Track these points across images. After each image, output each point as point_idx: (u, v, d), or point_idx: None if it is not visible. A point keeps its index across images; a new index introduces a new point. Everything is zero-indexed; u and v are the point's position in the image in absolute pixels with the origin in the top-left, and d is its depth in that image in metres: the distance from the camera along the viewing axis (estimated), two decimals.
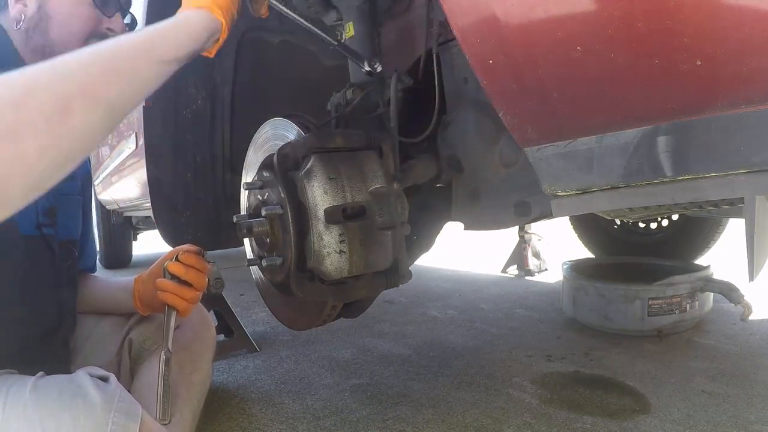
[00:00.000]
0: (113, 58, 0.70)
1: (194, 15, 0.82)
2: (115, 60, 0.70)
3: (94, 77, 0.67)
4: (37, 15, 1.02)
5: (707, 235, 2.82)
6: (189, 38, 0.80)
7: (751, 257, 0.73)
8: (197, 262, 1.12)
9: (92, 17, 1.05)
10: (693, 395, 1.54)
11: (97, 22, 1.06)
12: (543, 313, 2.53)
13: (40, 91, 0.61)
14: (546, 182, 0.85)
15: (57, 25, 1.02)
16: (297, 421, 1.47)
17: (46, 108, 0.60)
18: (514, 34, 0.75)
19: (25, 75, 0.62)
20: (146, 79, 0.74)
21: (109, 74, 0.69)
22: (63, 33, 1.02)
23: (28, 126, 0.59)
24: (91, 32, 1.05)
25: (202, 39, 0.82)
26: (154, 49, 0.75)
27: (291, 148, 1.01)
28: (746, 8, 0.59)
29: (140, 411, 0.88)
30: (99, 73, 0.68)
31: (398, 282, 1.05)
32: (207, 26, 0.83)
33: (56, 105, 0.61)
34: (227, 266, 1.40)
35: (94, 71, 0.67)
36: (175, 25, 0.80)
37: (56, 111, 0.61)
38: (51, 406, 0.84)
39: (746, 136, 0.65)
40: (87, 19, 1.04)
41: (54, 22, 1.02)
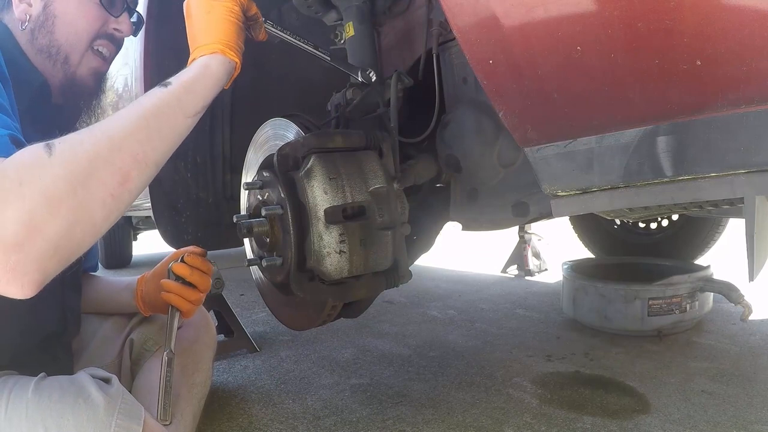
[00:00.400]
0: (156, 120, 0.77)
1: (213, 62, 0.86)
2: (158, 123, 0.77)
3: (143, 144, 0.75)
4: (42, 15, 1.01)
5: (707, 235, 2.82)
6: (213, 86, 0.86)
7: (751, 257, 0.73)
8: (202, 264, 1.12)
9: (99, 17, 1.04)
10: (693, 395, 1.54)
11: (104, 22, 1.05)
12: (543, 313, 2.53)
13: (101, 168, 0.69)
14: (546, 182, 0.85)
15: (63, 25, 1.01)
16: (297, 421, 1.47)
17: (110, 184, 0.70)
18: (514, 34, 0.75)
19: (86, 148, 0.70)
20: (181, 134, 0.82)
21: (155, 139, 0.77)
22: (69, 33, 1.02)
23: (98, 202, 0.69)
24: (97, 32, 1.05)
25: (222, 82, 0.88)
26: (187, 105, 0.82)
27: (291, 148, 1.01)
28: (746, 8, 0.59)
29: (143, 412, 0.88)
30: (147, 140, 0.75)
31: (398, 282, 1.05)
32: (226, 70, 0.88)
33: (118, 179, 0.71)
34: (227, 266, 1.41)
35: (142, 138, 0.75)
36: (200, 76, 0.84)
37: (118, 184, 0.71)
38: (53, 407, 0.84)
39: (746, 136, 0.65)
40: (94, 19, 1.04)
41: (60, 22, 1.01)
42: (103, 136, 0.72)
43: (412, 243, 1.34)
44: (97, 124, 0.75)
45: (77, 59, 1.03)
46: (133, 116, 0.76)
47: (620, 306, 2.09)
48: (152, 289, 1.20)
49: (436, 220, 1.36)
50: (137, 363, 1.23)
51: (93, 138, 0.71)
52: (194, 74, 0.84)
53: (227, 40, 0.89)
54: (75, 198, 0.66)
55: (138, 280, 1.25)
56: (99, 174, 0.69)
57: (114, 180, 0.70)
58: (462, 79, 1.16)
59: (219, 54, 0.87)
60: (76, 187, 0.67)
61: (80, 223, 0.67)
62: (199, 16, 0.89)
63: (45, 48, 1.01)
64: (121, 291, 1.26)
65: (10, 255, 0.62)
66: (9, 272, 0.63)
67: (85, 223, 0.68)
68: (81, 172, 0.67)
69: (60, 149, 0.68)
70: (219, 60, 0.87)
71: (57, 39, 1.01)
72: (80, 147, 0.69)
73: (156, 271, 1.22)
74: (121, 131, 0.73)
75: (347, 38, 1.20)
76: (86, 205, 0.68)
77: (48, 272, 0.66)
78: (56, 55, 1.01)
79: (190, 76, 0.84)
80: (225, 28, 0.89)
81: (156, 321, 1.28)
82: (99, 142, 0.71)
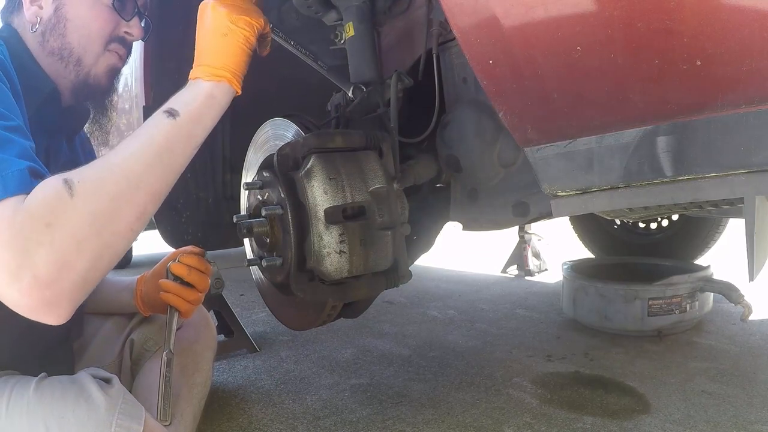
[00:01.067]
0: (169, 155, 0.81)
1: (218, 91, 0.89)
2: (170, 158, 0.82)
3: (159, 180, 0.80)
4: (54, 18, 1.00)
5: (707, 235, 2.82)
6: (217, 116, 0.90)
7: (751, 257, 0.73)
8: (200, 263, 1.12)
9: (110, 20, 1.04)
10: (693, 395, 1.55)
11: (115, 26, 1.05)
12: (543, 313, 2.53)
13: (123, 207, 0.75)
14: (546, 182, 0.85)
15: (75, 28, 1.01)
16: (297, 421, 1.47)
17: (130, 220, 0.76)
18: (514, 34, 0.75)
19: (107, 189, 0.74)
20: (187, 163, 0.86)
21: (168, 173, 0.82)
22: (81, 36, 1.01)
23: (120, 237, 0.75)
24: (109, 36, 1.04)
25: (224, 110, 0.91)
26: (195, 137, 0.86)
27: (291, 148, 1.01)
28: (746, 8, 0.59)
29: (143, 413, 0.88)
30: (161, 175, 0.80)
31: (398, 282, 1.05)
32: (229, 99, 0.91)
33: (136, 215, 0.77)
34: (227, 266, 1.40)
35: (158, 174, 0.80)
36: (206, 107, 0.87)
37: (136, 219, 0.77)
38: (54, 406, 0.84)
39: (746, 136, 0.65)
40: (105, 22, 1.03)
41: (71, 25, 1.00)
42: (122, 175, 0.76)
43: (412, 243, 1.34)
44: (113, 156, 0.78)
45: (91, 61, 1.03)
46: (148, 153, 0.79)
47: (620, 306, 2.09)
48: (151, 289, 1.19)
49: (436, 220, 1.36)
50: (137, 363, 1.23)
51: (113, 177, 0.75)
52: (200, 104, 0.87)
53: (235, 70, 0.90)
54: (100, 238, 0.72)
55: (137, 280, 1.25)
56: (121, 213, 0.75)
57: (133, 216, 0.76)
58: (462, 79, 1.16)
59: (225, 83, 0.89)
60: (101, 229, 0.72)
61: (105, 257, 0.73)
62: (215, 34, 0.90)
63: (57, 50, 1.01)
64: (120, 291, 1.26)
65: (44, 291, 0.67)
66: (45, 306, 0.69)
67: (110, 255, 0.74)
68: (104, 214, 0.73)
69: (81, 189, 0.72)
70: (224, 90, 0.89)
71: (69, 42, 1.01)
72: (102, 188, 0.74)
73: (155, 271, 1.21)
74: (139, 169, 0.77)
75: (347, 38, 1.20)
76: (110, 242, 0.74)
77: (78, 301, 0.72)
78: (68, 57, 1.01)
79: (196, 107, 0.86)
80: (237, 57, 0.90)
81: (156, 321, 1.28)
82: (119, 182, 0.75)
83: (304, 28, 1.43)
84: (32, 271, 0.66)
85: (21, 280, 0.66)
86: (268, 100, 1.70)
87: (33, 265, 0.66)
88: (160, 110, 0.84)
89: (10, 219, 0.67)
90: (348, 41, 1.20)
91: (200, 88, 0.88)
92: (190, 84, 0.89)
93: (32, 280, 0.66)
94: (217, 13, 0.90)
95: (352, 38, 1.18)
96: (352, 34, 1.18)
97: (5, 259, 0.66)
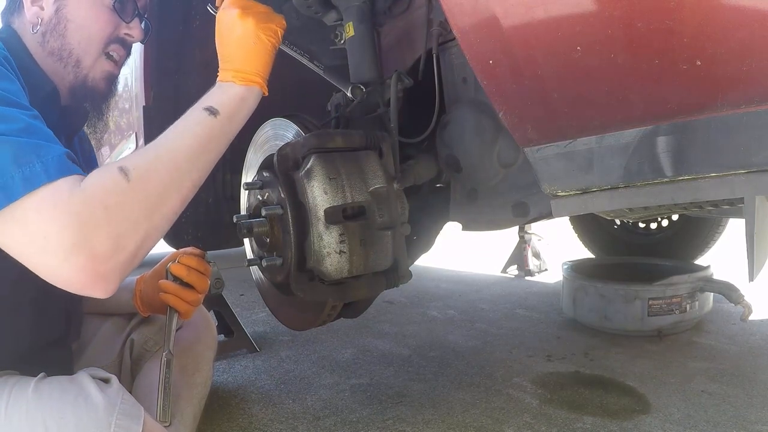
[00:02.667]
0: (208, 149, 0.89)
1: (251, 95, 0.95)
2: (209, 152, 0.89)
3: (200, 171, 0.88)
4: (54, 18, 1.00)
5: (707, 235, 2.82)
6: (247, 116, 0.96)
7: (751, 257, 0.73)
8: (200, 264, 1.12)
9: (111, 22, 1.04)
10: (693, 395, 1.54)
11: (116, 27, 1.05)
12: (543, 313, 2.53)
13: (172, 194, 0.83)
14: (546, 182, 0.85)
15: (75, 29, 1.01)
16: (297, 421, 1.47)
17: (175, 205, 0.84)
18: (514, 34, 0.75)
19: (160, 176, 0.82)
20: (220, 156, 0.92)
21: (207, 165, 0.89)
22: (82, 37, 1.02)
23: (166, 219, 0.83)
24: (109, 37, 1.05)
25: (252, 110, 0.96)
26: (229, 134, 0.92)
27: (291, 148, 1.01)
28: (746, 8, 0.59)
29: (143, 413, 0.88)
30: (203, 167, 0.88)
31: (398, 282, 1.05)
32: (258, 100, 0.97)
33: (181, 201, 0.85)
34: (227, 266, 1.40)
35: (200, 166, 0.87)
36: (239, 109, 0.93)
37: (180, 204, 0.85)
38: (53, 406, 0.84)
39: (746, 136, 0.65)
40: (106, 24, 1.04)
41: (72, 26, 1.01)
42: (172, 164, 0.83)
43: (412, 243, 1.34)
44: (161, 148, 0.85)
45: (89, 63, 1.04)
46: (194, 145, 0.86)
47: (620, 306, 2.09)
48: (150, 289, 1.20)
49: (436, 220, 1.36)
50: (138, 363, 1.23)
51: (163, 166, 0.82)
52: (236, 105, 0.93)
53: (265, 74, 0.97)
54: (151, 220, 0.79)
55: (137, 280, 1.25)
56: (169, 199, 0.82)
57: (179, 202, 0.84)
58: (462, 79, 1.16)
59: (257, 87, 0.95)
60: (153, 212, 0.80)
61: (153, 237, 0.81)
62: (245, 42, 0.95)
63: (56, 51, 1.01)
64: (120, 290, 1.26)
65: (99, 267, 0.74)
66: (98, 281, 0.75)
67: (157, 235, 0.82)
68: (156, 200, 0.80)
69: (136, 175, 0.78)
70: (256, 94, 0.95)
71: (69, 43, 1.01)
72: (155, 176, 0.81)
73: (154, 271, 1.22)
74: (186, 160, 0.85)
75: (347, 38, 1.20)
76: (158, 224, 0.81)
77: (126, 275, 0.79)
78: (68, 58, 1.02)
79: (233, 108, 0.92)
80: (265, 62, 0.96)
81: (156, 321, 1.28)
82: (169, 171, 0.82)
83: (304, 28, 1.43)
84: (90, 250, 0.72)
85: (78, 256, 0.72)
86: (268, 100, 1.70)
87: (91, 244, 0.72)
88: (199, 107, 0.90)
89: (66, 201, 0.72)
90: (348, 41, 1.20)
91: (235, 91, 0.93)
92: (223, 86, 0.94)
93: (89, 257, 0.72)
94: (245, 23, 0.94)
95: (352, 38, 1.18)
96: (352, 34, 1.18)
97: (63, 237, 0.71)
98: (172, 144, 0.85)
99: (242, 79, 0.94)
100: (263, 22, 0.95)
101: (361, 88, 1.16)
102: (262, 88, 0.96)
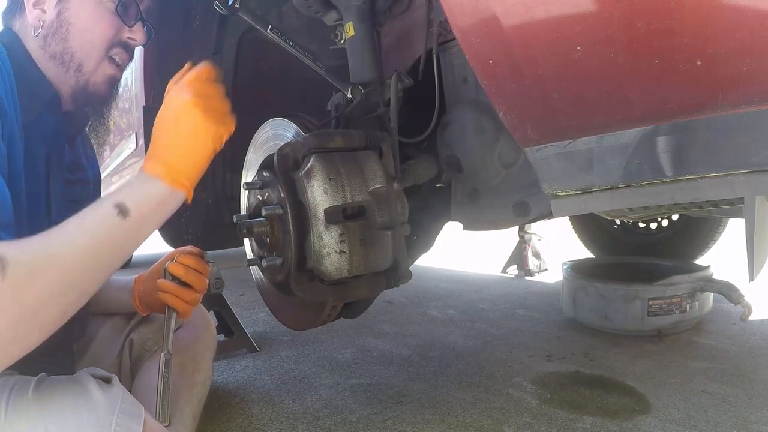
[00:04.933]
0: (110, 256, 0.78)
1: (173, 199, 0.85)
2: (111, 258, 0.79)
3: (92, 282, 0.77)
4: (56, 22, 0.99)
5: (707, 235, 2.82)
6: (163, 221, 0.86)
7: (751, 257, 0.73)
8: (198, 263, 1.12)
9: (113, 25, 1.03)
10: (693, 395, 1.54)
11: (118, 30, 1.04)
12: (543, 313, 2.53)
13: (49, 307, 0.71)
14: (546, 182, 0.85)
15: (77, 32, 1.00)
16: (297, 421, 1.47)
17: (52, 319, 0.72)
18: (514, 34, 0.75)
19: (39, 287, 0.69)
20: (124, 260, 0.83)
21: (103, 274, 0.78)
22: (84, 41, 1.00)
23: (35, 332, 0.71)
24: (112, 40, 1.03)
25: (169, 216, 0.87)
26: (140, 237, 0.83)
27: (291, 148, 1.01)
28: (746, 8, 0.59)
29: (143, 412, 0.88)
30: (97, 278, 0.77)
31: (398, 282, 1.05)
32: (178, 206, 0.87)
33: (60, 314, 0.73)
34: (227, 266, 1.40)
35: (93, 277, 0.76)
36: (157, 211, 0.84)
37: (59, 317, 0.73)
38: (54, 406, 0.84)
39: (746, 136, 0.65)
40: (108, 27, 1.02)
41: (74, 30, 1.00)
42: (58, 272, 0.71)
43: (412, 243, 1.34)
44: (53, 245, 0.73)
45: (91, 67, 1.02)
46: (89, 252, 0.75)
47: (620, 306, 2.09)
48: (149, 289, 1.19)
49: (436, 220, 1.36)
50: (137, 363, 1.23)
51: (47, 273, 0.70)
52: (153, 208, 0.83)
53: (195, 180, 0.87)
54: (16, 331, 0.68)
55: (135, 280, 1.24)
56: (45, 312, 0.71)
57: (56, 314, 0.73)
58: (462, 79, 1.16)
59: (183, 193, 0.86)
60: (19, 324, 0.68)
61: (13, 350, 0.69)
62: (185, 136, 0.86)
63: (58, 55, 1.00)
64: (119, 290, 1.26)
65: None
66: None
67: (19, 348, 0.70)
68: (29, 310, 0.68)
69: (12, 277, 0.66)
70: (179, 198, 0.86)
71: (71, 46, 1.00)
72: (34, 282, 0.69)
73: (153, 270, 1.21)
74: (76, 268, 0.73)
75: (347, 38, 1.20)
76: (24, 336, 0.69)
77: None
78: (69, 62, 1.00)
79: (148, 210, 0.82)
80: (202, 168, 0.88)
81: (156, 321, 1.27)
82: (53, 280, 0.71)
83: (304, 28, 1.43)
84: None
85: None
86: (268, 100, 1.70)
87: None
88: (111, 201, 0.79)
89: None
90: (348, 41, 1.20)
91: (158, 191, 0.84)
92: (147, 181, 0.84)
93: None
94: (196, 117, 0.85)
95: (352, 38, 1.19)
96: (352, 34, 1.18)
97: None
98: (67, 244, 0.74)
99: (172, 179, 0.84)
100: (215, 122, 0.87)
101: (360, 89, 1.16)
102: (188, 195, 0.86)
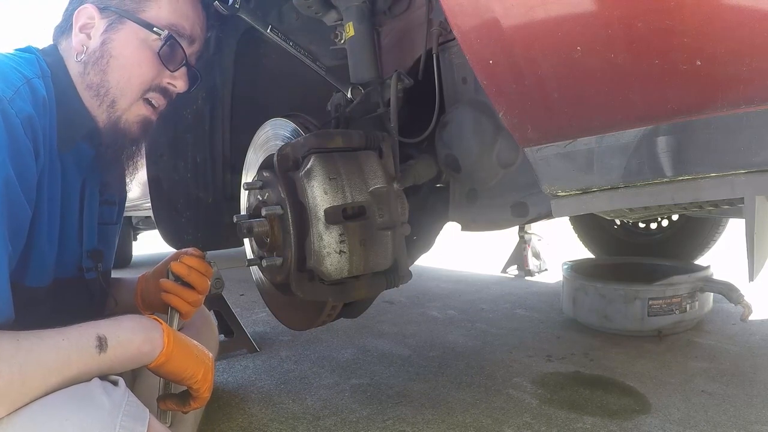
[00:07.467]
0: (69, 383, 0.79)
1: (152, 353, 0.86)
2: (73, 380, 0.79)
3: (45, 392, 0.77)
4: (99, 51, 0.97)
5: (707, 235, 2.82)
6: (132, 367, 0.87)
7: (751, 257, 0.73)
8: (200, 265, 1.12)
9: (155, 66, 1.00)
10: (693, 395, 1.55)
11: (159, 74, 1.01)
12: (543, 313, 2.53)
13: None
14: (546, 182, 0.85)
15: (118, 67, 0.97)
16: (297, 421, 1.47)
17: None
18: (514, 35, 0.75)
19: None
20: None
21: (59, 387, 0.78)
22: (122, 78, 0.98)
23: None
24: (150, 83, 1.01)
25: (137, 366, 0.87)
26: (102, 372, 0.82)
27: (291, 148, 1.00)
28: (746, 8, 0.59)
29: (148, 414, 0.88)
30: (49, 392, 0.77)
31: (398, 282, 1.05)
32: (141, 365, 0.87)
33: (4, 414, 0.73)
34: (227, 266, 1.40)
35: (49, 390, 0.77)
36: (133, 356, 0.84)
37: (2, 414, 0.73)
38: (59, 407, 0.83)
39: (746, 136, 0.65)
40: (148, 69, 0.99)
41: (115, 63, 0.97)
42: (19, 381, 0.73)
43: (412, 243, 1.34)
44: (25, 351, 0.75)
45: (125, 105, 1.00)
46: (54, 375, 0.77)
47: (620, 306, 2.09)
48: (152, 289, 1.19)
49: (436, 220, 1.36)
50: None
51: (6, 378, 0.72)
52: (131, 354, 0.84)
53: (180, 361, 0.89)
54: None
55: (139, 279, 1.25)
56: None
57: (1, 413, 0.73)
58: (462, 79, 1.16)
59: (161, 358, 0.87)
60: None
61: None
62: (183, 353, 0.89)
63: (94, 86, 0.98)
64: (121, 289, 1.26)
65: None
66: None
67: None
68: None
69: None
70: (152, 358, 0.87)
71: (108, 80, 0.98)
72: None
73: (156, 270, 1.21)
74: (36, 387, 0.76)
75: (347, 38, 1.19)
76: None
77: None
78: (104, 96, 0.98)
79: (126, 354, 0.83)
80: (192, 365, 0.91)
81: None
82: (12, 383, 0.73)
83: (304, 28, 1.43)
84: None
85: None
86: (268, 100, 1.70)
87: None
88: (95, 330, 0.81)
89: None
90: (348, 41, 1.20)
91: (148, 339, 0.85)
92: (145, 324, 0.87)
93: None
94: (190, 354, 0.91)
95: (352, 38, 1.18)
96: (352, 35, 1.18)
97: None
98: (38, 357, 0.76)
99: (165, 341, 0.86)
100: None
101: (360, 89, 1.16)
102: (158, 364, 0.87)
